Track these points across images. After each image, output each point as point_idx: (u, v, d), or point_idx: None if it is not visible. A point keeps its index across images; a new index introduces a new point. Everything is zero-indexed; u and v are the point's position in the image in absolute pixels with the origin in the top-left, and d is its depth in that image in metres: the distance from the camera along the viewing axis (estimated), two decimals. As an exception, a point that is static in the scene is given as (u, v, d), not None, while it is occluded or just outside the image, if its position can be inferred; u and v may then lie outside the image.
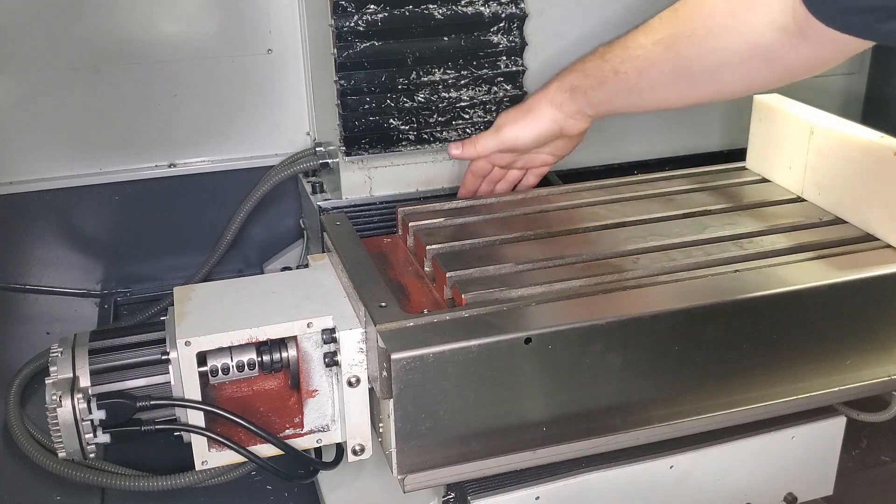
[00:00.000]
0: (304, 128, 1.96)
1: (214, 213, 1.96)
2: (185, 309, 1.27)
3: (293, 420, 1.30)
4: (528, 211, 1.52)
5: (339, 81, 1.54)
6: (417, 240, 1.42)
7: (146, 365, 1.25)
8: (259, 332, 1.22)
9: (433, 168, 1.68)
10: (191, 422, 1.22)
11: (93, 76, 1.82)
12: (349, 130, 1.57)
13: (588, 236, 1.41)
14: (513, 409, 1.18)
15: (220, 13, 1.86)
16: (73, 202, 1.91)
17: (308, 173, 1.84)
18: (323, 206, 1.65)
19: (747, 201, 1.53)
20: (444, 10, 1.54)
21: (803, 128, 1.50)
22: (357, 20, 1.51)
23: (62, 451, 1.18)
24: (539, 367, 1.16)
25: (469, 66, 1.59)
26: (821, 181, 1.48)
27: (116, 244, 1.98)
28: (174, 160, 1.94)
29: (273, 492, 1.55)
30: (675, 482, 1.39)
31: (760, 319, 1.24)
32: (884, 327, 1.32)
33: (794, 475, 1.47)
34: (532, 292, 1.25)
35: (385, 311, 1.19)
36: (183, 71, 1.86)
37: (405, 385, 1.12)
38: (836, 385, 1.32)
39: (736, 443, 1.40)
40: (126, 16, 1.80)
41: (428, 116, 1.60)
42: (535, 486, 1.33)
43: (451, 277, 1.29)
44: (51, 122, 1.84)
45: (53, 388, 1.17)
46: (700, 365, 1.24)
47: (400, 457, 1.16)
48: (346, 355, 1.21)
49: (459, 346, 1.12)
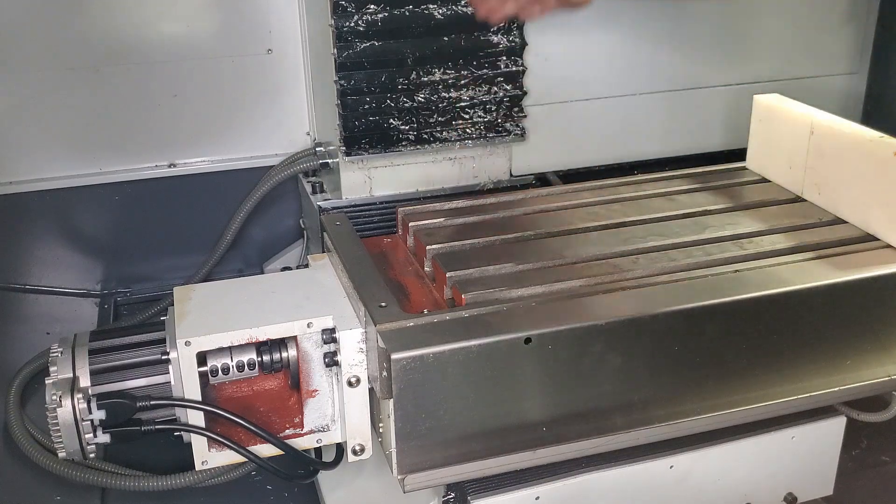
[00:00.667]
0: (304, 128, 1.96)
1: (214, 213, 1.96)
2: (185, 309, 1.27)
3: (293, 420, 1.30)
4: (528, 211, 1.52)
5: (339, 81, 1.54)
6: (417, 240, 1.42)
7: (146, 365, 1.25)
8: (259, 332, 1.22)
9: (433, 168, 1.68)
10: (191, 422, 1.22)
11: (93, 76, 1.82)
12: (349, 130, 1.57)
13: (588, 236, 1.41)
14: (513, 409, 1.18)
15: (220, 13, 1.86)
16: (73, 202, 1.91)
17: (308, 173, 1.84)
18: (323, 206, 1.65)
19: (747, 201, 1.53)
20: (444, 10, 1.54)
21: (803, 128, 1.50)
22: (357, 20, 1.51)
23: (62, 451, 1.18)
24: (539, 367, 1.16)
25: (469, 66, 1.59)
26: (821, 181, 1.48)
27: (116, 244, 1.98)
28: (174, 160, 1.94)
29: (273, 492, 1.55)
30: (675, 482, 1.39)
31: (760, 319, 1.24)
32: (884, 327, 1.32)
33: (794, 475, 1.47)
34: (532, 292, 1.24)
35: (385, 311, 1.19)
36: (183, 71, 1.87)
37: (405, 385, 1.12)
38: (836, 385, 1.32)
39: (736, 443, 1.40)
40: (126, 16, 1.80)
41: (428, 116, 1.60)
42: (535, 486, 1.33)
43: (451, 277, 1.29)
44: (51, 122, 1.84)
45: (53, 388, 1.17)
46: (700, 365, 1.24)
47: (400, 457, 1.16)
48: (346, 355, 1.21)
49: (459, 346, 1.12)
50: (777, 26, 1.87)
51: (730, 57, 1.86)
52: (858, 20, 1.94)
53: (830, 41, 1.93)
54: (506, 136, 1.67)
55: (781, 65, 1.90)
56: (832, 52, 1.95)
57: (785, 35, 1.89)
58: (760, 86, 1.83)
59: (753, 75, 1.88)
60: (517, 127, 1.67)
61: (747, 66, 1.87)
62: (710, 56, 1.84)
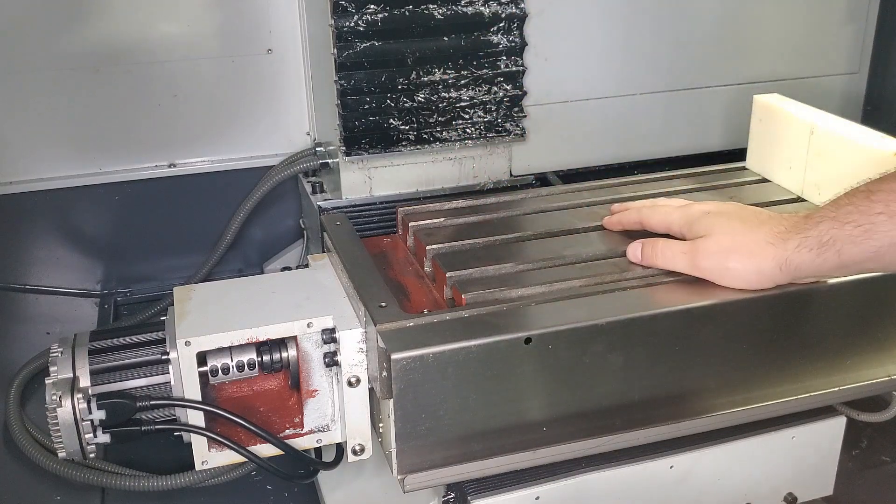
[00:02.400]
0: (304, 128, 1.96)
1: (214, 213, 1.96)
2: (185, 309, 1.27)
3: (293, 420, 1.30)
4: (528, 211, 1.52)
5: (339, 81, 1.54)
6: (417, 240, 1.42)
7: (146, 365, 1.25)
8: (259, 332, 1.22)
9: (433, 168, 1.68)
10: (191, 422, 1.22)
11: (92, 76, 1.82)
12: (349, 130, 1.57)
13: (588, 236, 1.41)
14: (513, 409, 1.18)
15: (220, 13, 1.86)
16: (73, 202, 1.91)
17: (308, 173, 1.84)
18: (323, 206, 1.65)
19: (747, 201, 1.52)
20: (444, 10, 1.54)
21: (803, 128, 1.50)
22: (357, 20, 1.51)
23: (62, 451, 1.18)
24: (539, 367, 1.16)
25: (469, 66, 1.59)
26: (821, 181, 1.48)
27: (116, 244, 1.98)
28: (174, 160, 1.94)
29: (273, 492, 1.55)
30: (675, 482, 1.39)
31: (760, 320, 1.24)
32: (884, 327, 1.32)
33: (794, 475, 1.47)
34: (532, 292, 1.24)
35: (385, 311, 1.19)
36: (183, 71, 1.86)
37: (405, 385, 1.12)
38: (836, 385, 1.32)
39: (736, 443, 1.40)
40: (126, 16, 1.80)
41: (428, 116, 1.60)
42: (535, 486, 1.33)
43: (451, 277, 1.29)
44: (51, 122, 1.84)
45: (53, 388, 1.17)
46: (700, 365, 1.24)
47: (400, 457, 1.16)
48: (346, 355, 1.21)
49: (459, 346, 1.12)
50: (777, 26, 1.87)
51: (730, 57, 1.86)
52: (858, 20, 1.94)
53: (830, 41, 1.93)
54: (506, 136, 1.67)
55: (781, 65, 1.90)
56: (832, 52, 1.95)
57: (785, 35, 1.89)
58: (760, 86, 1.83)
59: (753, 75, 1.87)
60: (517, 127, 1.67)
61: (747, 66, 1.87)
62: (710, 56, 1.84)
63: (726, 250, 1.18)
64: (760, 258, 1.16)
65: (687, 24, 1.80)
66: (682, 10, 1.79)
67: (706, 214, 1.24)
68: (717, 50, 1.84)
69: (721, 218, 1.22)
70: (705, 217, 1.23)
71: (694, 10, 1.80)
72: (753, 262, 1.16)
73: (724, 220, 1.21)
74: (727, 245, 1.19)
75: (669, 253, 1.24)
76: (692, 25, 1.81)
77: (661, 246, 1.25)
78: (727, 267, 1.18)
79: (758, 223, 1.18)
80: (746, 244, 1.17)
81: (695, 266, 1.21)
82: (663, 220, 1.29)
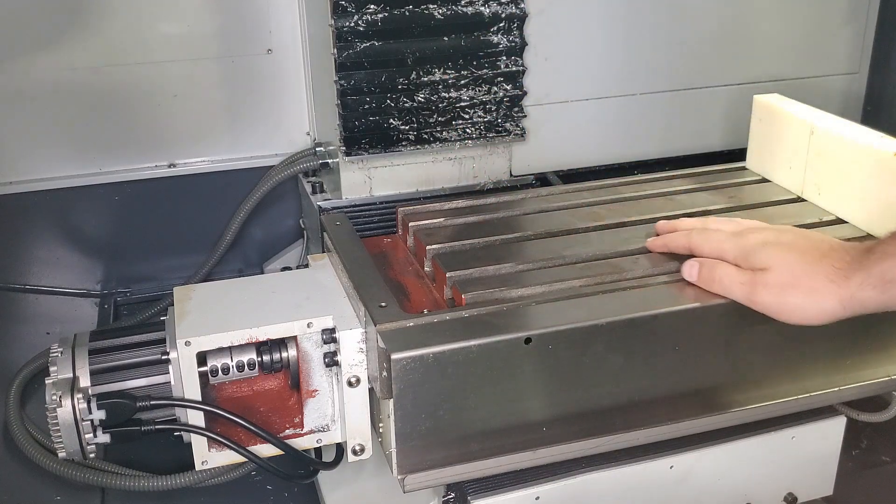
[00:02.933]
0: (304, 128, 1.96)
1: (214, 213, 1.96)
2: (185, 309, 1.27)
3: (293, 420, 1.30)
4: (528, 211, 1.52)
5: (339, 81, 1.54)
6: (417, 240, 1.42)
7: (146, 365, 1.25)
8: (259, 332, 1.22)
9: (433, 168, 1.68)
10: (191, 422, 1.22)
11: (93, 76, 1.82)
12: (349, 130, 1.57)
13: (588, 236, 1.41)
14: (513, 409, 1.18)
15: (220, 13, 1.86)
16: (73, 202, 1.91)
17: (308, 173, 1.84)
18: (323, 206, 1.65)
19: (747, 201, 1.53)
20: (444, 10, 1.54)
21: (803, 128, 1.50)
22: (357, 20, 1.51)
23: (62, 451, 1.18)
24: (539, 367, 1.16)
25: (469, 66, 1.59)
26: (821, 181, 1.48)
27: (116, 244, 1.98)
28: (174, 160, 1.94)
29: (273, 492, 1.55)
30: (675, 482, 1.39)
31: (760, 319, 1.23)
32: (884, 327, 1.32)
33: (794, 475, 1.47)
34: (532, 292, 1.24)
35: (385, 311, 1.19)
36: (183, 71, 1.86)
37: (405, 385, 1.12)
38: (836, 385, 1.32)
39: (736, 443, 1.40)
40: (126, 16, 1.80)
41: (428, 116, 1.60)
42: (535, 486, 1.33)
43: (451, 277, 1.29)
44: (51, 122, 1.84)
45: (53, 388, 1.17)
46: (700, 365, 1.24)
47: (400, 457, 1.16)
48: (346, 355, 1.21)
49: (459, 346, 1.12)
50: (777, 26, 1.87)
51: (730, 57, 1.86)
52: (858, 20, 1.94)
53: (830, 41, 1.94)
54: (506, 136, 1.67)
55: (781, 65, 1.90)
56: (832, 52, 1.95)
57: (785, 35, 1.89)
58: (760, 86, 1.83)
59: (753, 75, 1.88)
60: (517, 127, 1.67)
61: (747, 66, 1.87)
62: (710, 56, 1.84)
63: (786, 286, 1.14)
64: (822, 296, 1.12)
65: (687, 25, 1.80)
66: (683, 11, 1.79)
67: (763, 246, 1.19)
68: (717, 50, 1.84)
69: (779, 250, 1.17)
70: (763, 249, 1.18)
71: (694, 11, 1.80)
72: (814, 299, 1.12)
73: (783, 253, 1.17)
74: (787, 281, 1.14)
75: (727, 281, 1.20)
76: (692, 25, 1.81)
77: (720, 272, 1.21)
78: (787, 302, 1.14)
79: (819, 256, 1.14)
80: (807, 280, 1.13)
81: (752, 300, 1.18)
82: (716, 249, 1.25)
